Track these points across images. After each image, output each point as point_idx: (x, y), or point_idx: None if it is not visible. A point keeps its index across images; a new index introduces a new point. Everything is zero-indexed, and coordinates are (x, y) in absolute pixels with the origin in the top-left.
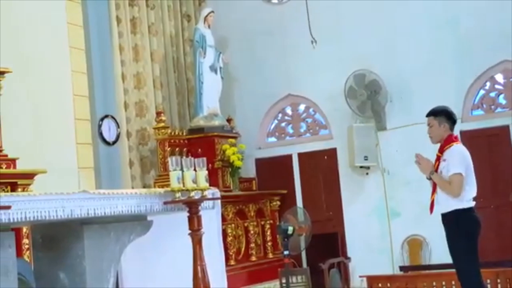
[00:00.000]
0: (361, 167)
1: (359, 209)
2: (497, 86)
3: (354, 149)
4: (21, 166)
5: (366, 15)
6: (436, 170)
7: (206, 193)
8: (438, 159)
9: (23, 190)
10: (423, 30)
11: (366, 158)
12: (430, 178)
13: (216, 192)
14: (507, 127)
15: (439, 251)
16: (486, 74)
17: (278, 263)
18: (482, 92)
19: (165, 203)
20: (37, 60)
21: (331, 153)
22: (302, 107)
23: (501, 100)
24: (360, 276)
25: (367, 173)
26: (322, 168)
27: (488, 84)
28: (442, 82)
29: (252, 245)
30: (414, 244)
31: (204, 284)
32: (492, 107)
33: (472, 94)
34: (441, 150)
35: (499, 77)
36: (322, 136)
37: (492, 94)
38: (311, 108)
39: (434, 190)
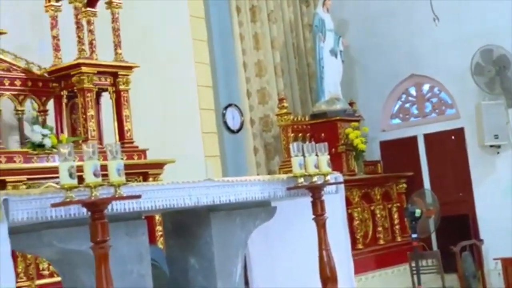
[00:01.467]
0: (491, 146)
1: (491, 189)
2: None
3: (483, 128)
4: (151, 157)
5: None
6: None
7: (328, 177)
8: None
9: (154, 180)
10: None
11: (496, 137)
12: None
13: (339, 176)
14: None
15: None
16: None
17: (407, 246)
18: None
19: (288, 188)
20: (163, 54)
21: (459, 133)
22: (426, 87)
23: None
24: (494, 259)
25: (498, 152)
26: (449, 148)
27: None
28: None
29: (380, 228)
30: None
31: (330, 268)
32: None
33: None
34: None
35: None
36: (448, 115)
37: None
38: (436, 87)
39: None
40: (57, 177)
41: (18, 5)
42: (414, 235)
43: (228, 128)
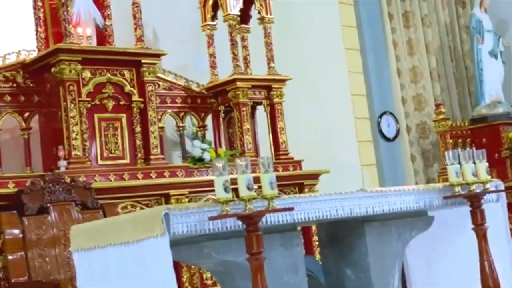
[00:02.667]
0: None
1: None
2: None
3: None
4: (306, 167)
5: None
6: None
7: (488, 185)
8: None
9: (309, 190)
10: None
11: None
12: None
13: (499, 184)
14: None
15: None
16: None
17: None
18: None
19: (444, 198)
20: (315, 64)
21: None
22: None
23: None
24: None
25: None
26: None
27: None
28: None
29: None
30: None
31: (493, 280)
32: None
33: None
34: None
35: None
36: None
37: None
38: None
39: None
40: None
41: (177, 25)
42: None
43: (384, 136)
